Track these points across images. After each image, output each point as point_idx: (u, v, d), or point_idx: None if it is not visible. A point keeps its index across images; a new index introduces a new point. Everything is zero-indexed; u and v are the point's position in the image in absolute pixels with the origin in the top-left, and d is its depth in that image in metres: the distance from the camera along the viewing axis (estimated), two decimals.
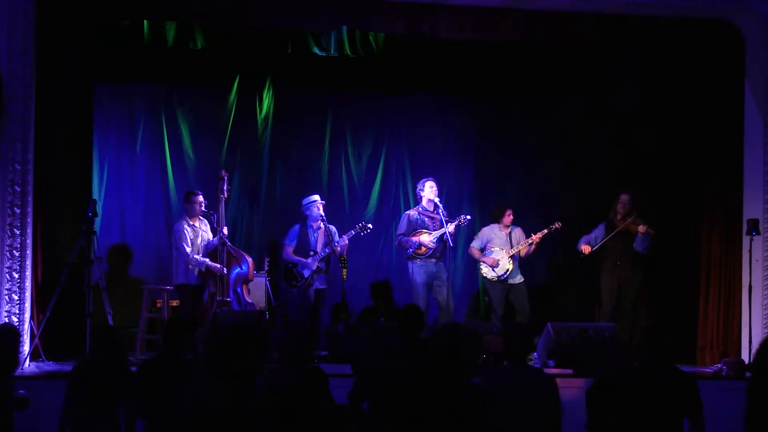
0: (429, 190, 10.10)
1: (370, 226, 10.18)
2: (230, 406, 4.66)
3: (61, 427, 5.97)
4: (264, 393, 5.69)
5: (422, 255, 10.01)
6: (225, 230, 9.55)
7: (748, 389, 5.75)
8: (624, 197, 10.22)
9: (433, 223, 10.08)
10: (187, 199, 9.65)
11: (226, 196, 9.68)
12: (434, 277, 10.02)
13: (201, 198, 9.61)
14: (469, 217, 10.35)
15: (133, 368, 6.20)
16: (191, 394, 5.53)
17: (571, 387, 7.48)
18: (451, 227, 9.94)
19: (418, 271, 10.00)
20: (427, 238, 9.98)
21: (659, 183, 10.90)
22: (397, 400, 5.05)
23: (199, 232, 9.62)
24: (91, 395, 5.87)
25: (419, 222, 10.11)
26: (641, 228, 10.03)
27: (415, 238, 10.02)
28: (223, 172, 9.75)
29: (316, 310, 10.00)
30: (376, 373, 5.85)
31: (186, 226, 9.56)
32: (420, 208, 10.22)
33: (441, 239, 9.96)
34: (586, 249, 10.21)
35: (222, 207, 9.58)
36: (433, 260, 10.03)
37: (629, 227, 10.10)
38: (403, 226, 10.18)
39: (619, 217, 10.21)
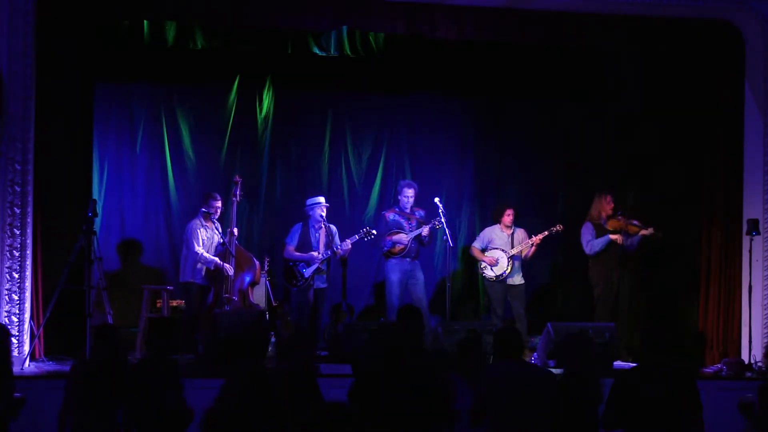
0: (405, 199, 10.15)
1: (374, 231, 10.16)
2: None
3: (61, 429, 5.95)
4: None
5: (397, 254, 10.06)
6: (235, 231, 9.60)
7: (759, 389, 5.77)
8: (608, 197, 10.20)
9: (409, 224, 10.13)
10: (204, 200, 9.69)
11: (238, 200, 9.73)
12: (409, 276, 10.09)
13: (219, 203, 9.63)
14: (443, 220, 10.12)
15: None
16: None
17: None
18: (425, 230, 9.99)
19: (392, 269, 10.08)
20: (401, 237, 10.03)
21: (659, 183, 10.89)
22: (390, 397, 5.15)
23: (212, 234, 9.64)
24: (92, 396, 5.85)
25: (395, 223, 10.15)
26: (645, 231, 9.97)
27: (389, 238, 10.06)
28: (237, 177, 9.83)
29: (316, 309, 10.00)
30: (372, 373, 5.87)
31: (200, 226, 9.58)
32: (397, 209, 10.26)
33: (417, 239, 10.04)
34: (620, 238, 10.02)
35: (234, 210, 9.62)
36: (408, 259, 10.09)
37: (629, 228, 10.07)
38: (380, 227, 10.21)
39: (604, 215, 10.17)
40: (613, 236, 10.06)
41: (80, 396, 5.88)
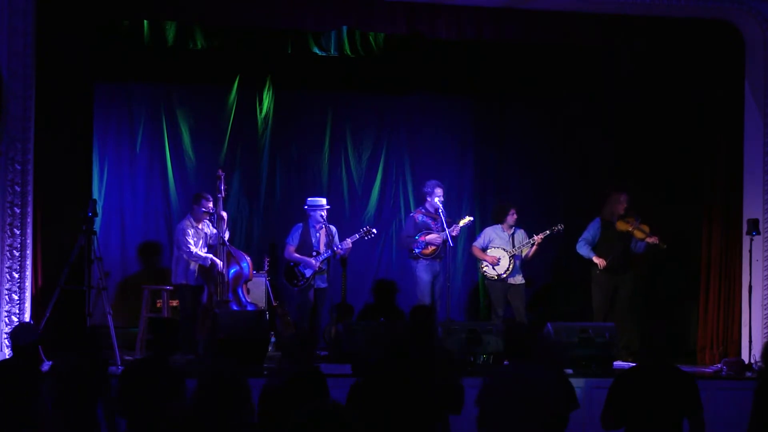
0: (438, 198, 10.13)
1: (374, 231, 10.16)
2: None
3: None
4: (262, 393, 5.71)
5: (429, 255, 10.05)
6: (224, 214, 9.61)
7: (755, 391, 5.76)
8: (623, 197, 10.17)
9: (436, 224, 10.11)
10: (197, 201, 9.65)
11: (223, 195, 9.71)
12: (436, 277, 10.10)
13: (211, 204, 9.60)
14: (471, 218, 10.40)
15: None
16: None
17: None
18: (456, 230, 10.03)
19: (425, 269, 10.07)
20: (435, 239, 9.99)
21: (659, 183, 10.89)
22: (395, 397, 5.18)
23: (201, 234, 9.64)
24: (71, 396, 5.85)
25: (424, 224, 10.14)
26: (651, 239, 9.95)
27: (422, 239, 10.04)
28: (220, 171, 9.78)
29: (316, 309, 10.00)
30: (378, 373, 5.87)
31: (190, 227, 9.57)
32: (423, 210, 10.23)
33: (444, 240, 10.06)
34: (602, 263, 10.02)
35: (220, 205, 9.61)
36: (438, 260, 10.09)
37: (636, 233, 10.05)
38: (410, 228, 10.18)
39: (616, 216, 10.15)
40: (596, 259, 10.04)
41: (59, 397, 5.86)
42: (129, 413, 5.88)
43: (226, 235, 9.62)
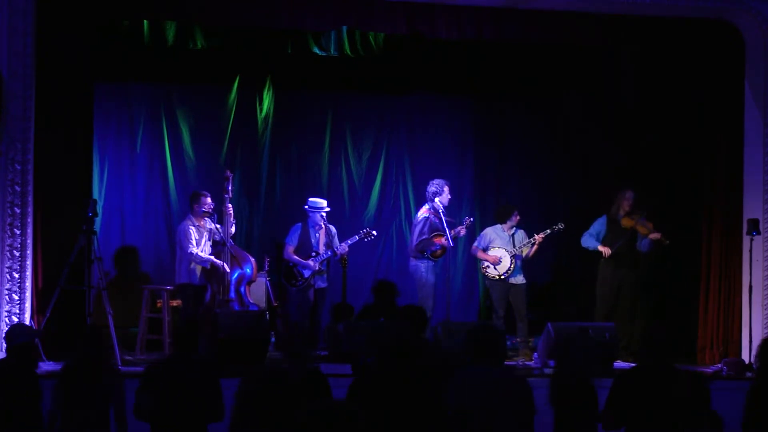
0: (447, 197, 10.11)
1: (374, 233, 10.14)
2: None
3: (50, 427, 5.90)
4: (264, 393, 5.70)
5: (438, 257, 10.03)
6: (232, 229, 9.61)
7: (749, 391, 5.76)
8: (629, 194, 10.17)
9: (441, 225, 10.06)
10: (196, 200, 9.64)
11: (230, 195, 9.72)
12: (437, 278, 10.09)
13: (209, 199, 9.61)
14: (471, 219, 10.39)
15: (134, 368, 6.18)
16: None
17: None
18: (463, 231, 10.05)
19: (430, 271, 10.03)
20: (446, 243, 9.95)
21: (660, 183, 10.89)
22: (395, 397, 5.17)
23: (203, 232, 9.65)
24: (81, 397, 5.83)
25: (435, 226, 10.08)
26: (654, 235, 9.96)
27: (437, 241, 10.02)
28: (229, 172, 9.79)
29: (316, 309, 10.00)
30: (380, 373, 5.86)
31: (191, 226, 9.57)
32: (432, 210, 10.16)
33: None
34: (606, 251, 10.05)
35: (227, 204, 9.62)
36: (441, 261, 10.09)
37: (639, 229, 10.06)
38: (426, 231, 10.06)
39: (622, 213, 10.16)
40: (601, 248, 10.05)
41: (68, 398, 5.84)
42: (154, 415, 5.83)
43: (232, 230, 9.66)
